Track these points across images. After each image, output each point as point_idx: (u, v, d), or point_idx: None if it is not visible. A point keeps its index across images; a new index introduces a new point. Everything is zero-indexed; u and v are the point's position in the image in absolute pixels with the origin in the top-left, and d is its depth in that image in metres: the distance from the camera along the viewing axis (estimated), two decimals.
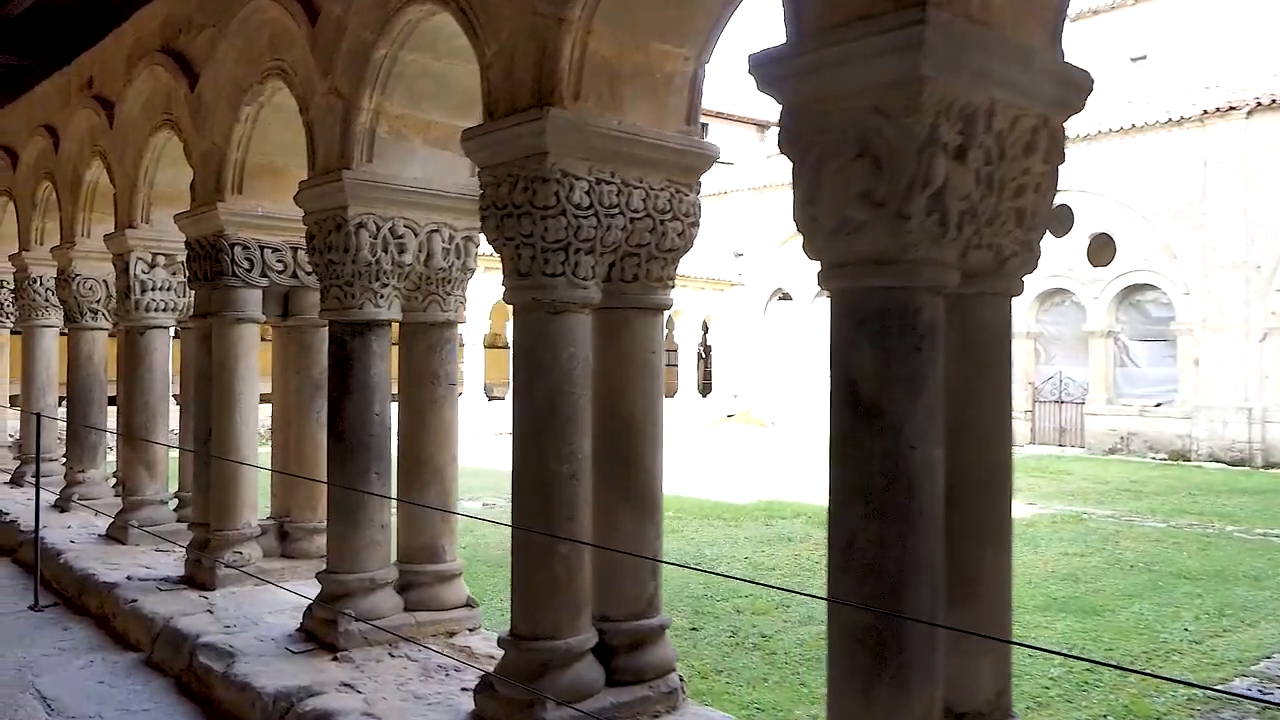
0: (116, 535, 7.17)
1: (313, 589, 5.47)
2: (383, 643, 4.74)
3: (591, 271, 3.78)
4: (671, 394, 30.87)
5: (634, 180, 3.86)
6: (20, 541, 7.42)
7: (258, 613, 5.35)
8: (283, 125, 5.87)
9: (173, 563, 6.59)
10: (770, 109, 42.72)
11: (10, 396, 11.15)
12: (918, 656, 2.57)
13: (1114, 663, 6.98)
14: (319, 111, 5.00)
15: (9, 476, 9.79)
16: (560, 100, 3.63)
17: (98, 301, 8.34)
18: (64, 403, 9.75)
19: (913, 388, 2.59)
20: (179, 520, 7.32)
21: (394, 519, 5.11)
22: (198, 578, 5.92)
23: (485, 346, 26.53)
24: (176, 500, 7.45)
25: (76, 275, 8.22)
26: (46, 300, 9.47)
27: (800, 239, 2.78)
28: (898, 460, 2.57)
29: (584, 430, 3.81)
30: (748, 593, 8.69)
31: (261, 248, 6.01)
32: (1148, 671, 6.70)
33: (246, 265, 5.95)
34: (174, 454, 7.51)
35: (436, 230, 5.04)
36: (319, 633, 4.81)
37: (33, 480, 9.14)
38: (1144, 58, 29.31)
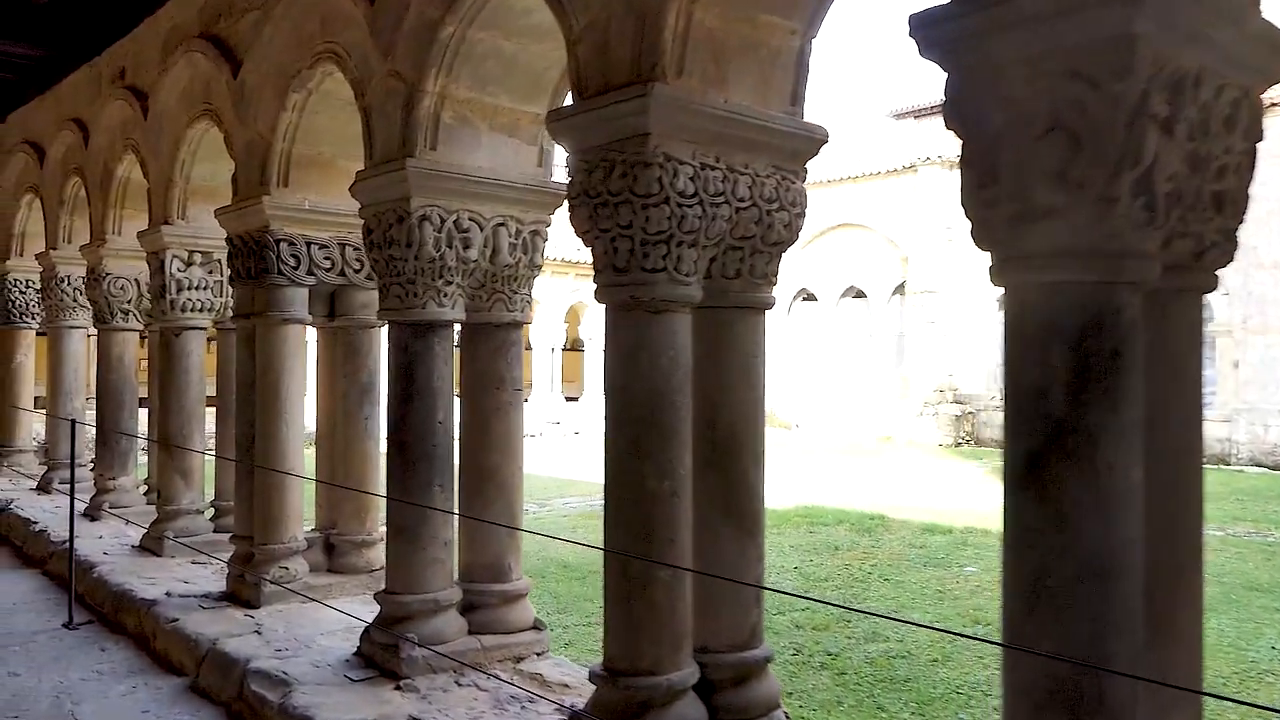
0: (151, 546, 6.84)
1: (364, 607, 5.13)
2: (447, 669, 4.38)
3: (694, 267, 3.41)
4: None
5: (739, 165, 3.49)
6: (50, 552, 7.10)
7: (309, 634, 4.99)
8: (331, 113, 5.53)
9: (212, 577, 6.25)
10: None
11: (33, 398, 10.84)
12: (1120, 714, 2.19)
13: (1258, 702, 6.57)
14: (377, 96, 4.64)
15: (35, 483, 9.46)
16: (663, 75, 3.26)
17: (128, 302, 8.01)
18: (86, 405, 9.45)
19: (1111, 399, 2.21)
20: (215, 531, 6.99)
21: (455, 534, 4.76)
22: (241, 594, 5.57)
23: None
24: (213, 510, 7.11)
25: (107, 274, 7.90)
26: (75, 300, 9.15)
27: (823, 239, 2.40)
28: (1097, 482, 2.19)
29: (685, 443, 3.44)
30: (803, 606, 8.31)
31: (308, 244, 5.66)
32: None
33: (293, 262, 5.60)
34: (208, 460, 7.18)
35: (503, 224, 4.68)
36: (379, 658, 4.45)
37: (62, 488, 8.85)
38: None
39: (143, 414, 9.27)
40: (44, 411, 10.54)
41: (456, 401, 4.68)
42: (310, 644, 4.84)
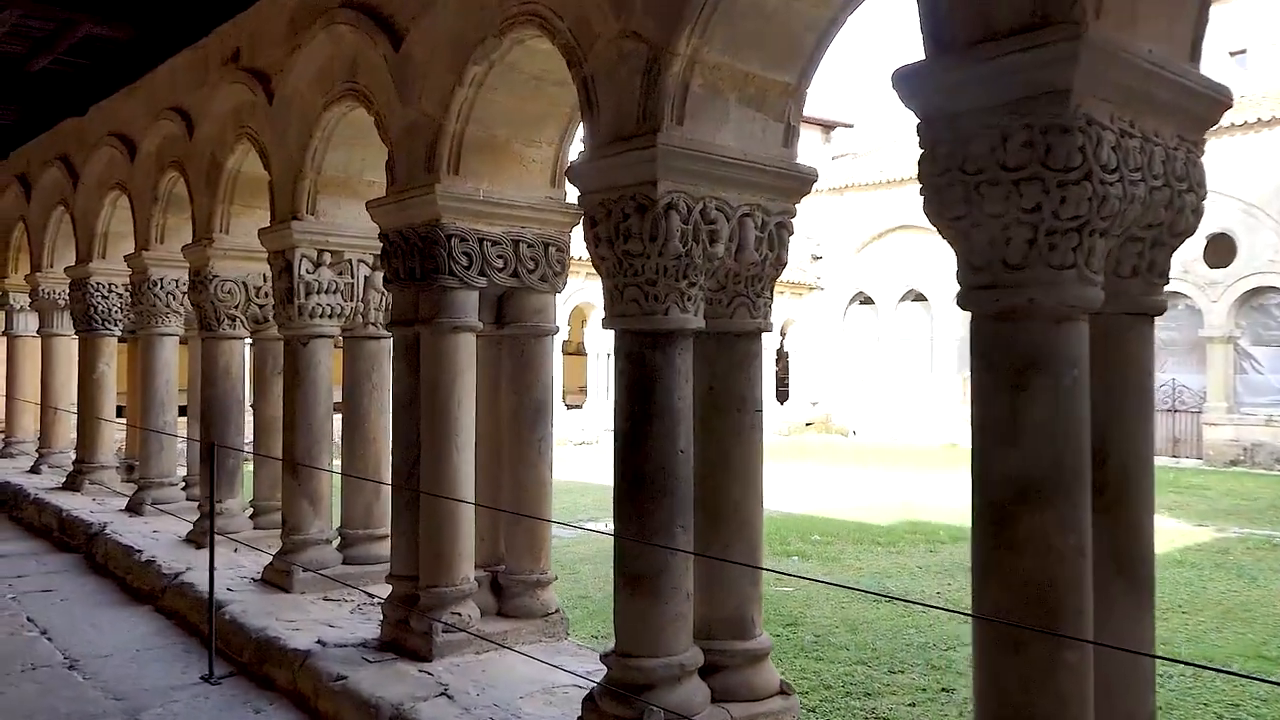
0: (276, 580, 6.13)
1: (550, 654, 4.42)
2: None
3: (1101, 263, 2.65)
4: None
5: (1151, 134, 2.72)
6: (164, 586, 6.40)
7: (506, 697, 4.26)
8: (511, 90, 4.81)
9: (356, 619, 5.54)
10: (835, 110, 41.82)
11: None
12: None
13: None
14: (604, 62, 3.90)
15: (125, 503, 8.78)
16: (1083, 16, 2.49)
17: (235, 307, 7.33)
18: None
19: None
20: (345, 562, 6.28)
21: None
22: (406, 643, 4.85)
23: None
24: (340, 538, 6.40)
25: (214, 277, 7.22)
26: (168, 305, 8.48)
27: (880, 241, 1.64)
28: None
29: (1087, 486, 2.68)
30: (968, 639, 7.52)
31: (480, 240, 4.94)
32: None
33: (464, 261, 4.88)
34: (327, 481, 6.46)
35: (749, 214, 3.93)
36: None
37: (155, 509, 8.19)
38: (1243, 51, 27.89)
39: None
40: (124, 423, 9.90)
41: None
42: (514, 710, 4.11)
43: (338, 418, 6.31)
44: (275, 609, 5.65)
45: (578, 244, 4.50)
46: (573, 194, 5.30)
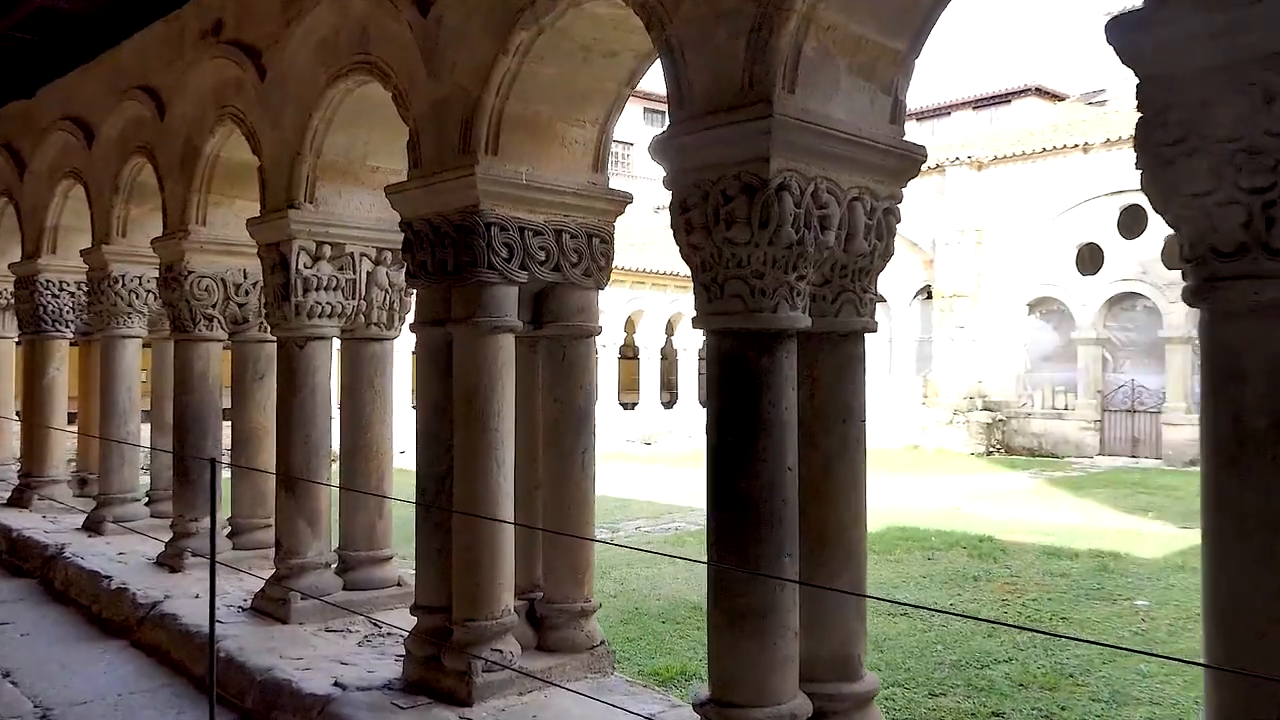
0: (270, 609, 5.50)
1: (601, 692, 3.91)
2: None
3: None
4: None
5: None
6: (140, 617, 5.72)
7: None
8: (560, 61, 4.29)
9: (368, 653, 4.96)
10: None
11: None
12: None
13: None
14: (695, 22, 3.39)
15: (82, 522, 8.00)
16: None
17: (213, 306, 6.65)
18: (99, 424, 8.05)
19: None
20: (346, 588, 5.68)
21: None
22: (440, 684, 4.27)
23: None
24: (339, 561, 5.79)
25: (189, 273, 6.53)
26: (130, 304, 7.74)
27: None
28: None
29: None
30: (1006, 655, 7.16)
31: (521, 229, 4.39)
32: None
33: (505, 253, 4.33)
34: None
35: (858, 198, 3.46)
36: None
37: (117, 528, 7.46)
38: None
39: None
40: (79, 432, 9.11)
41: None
42: None
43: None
44: (275, 643, 5.03)
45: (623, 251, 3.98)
46: (613, 180, 4.84)
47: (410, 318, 4.94)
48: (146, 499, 8.05)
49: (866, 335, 3.67)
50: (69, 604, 6.51)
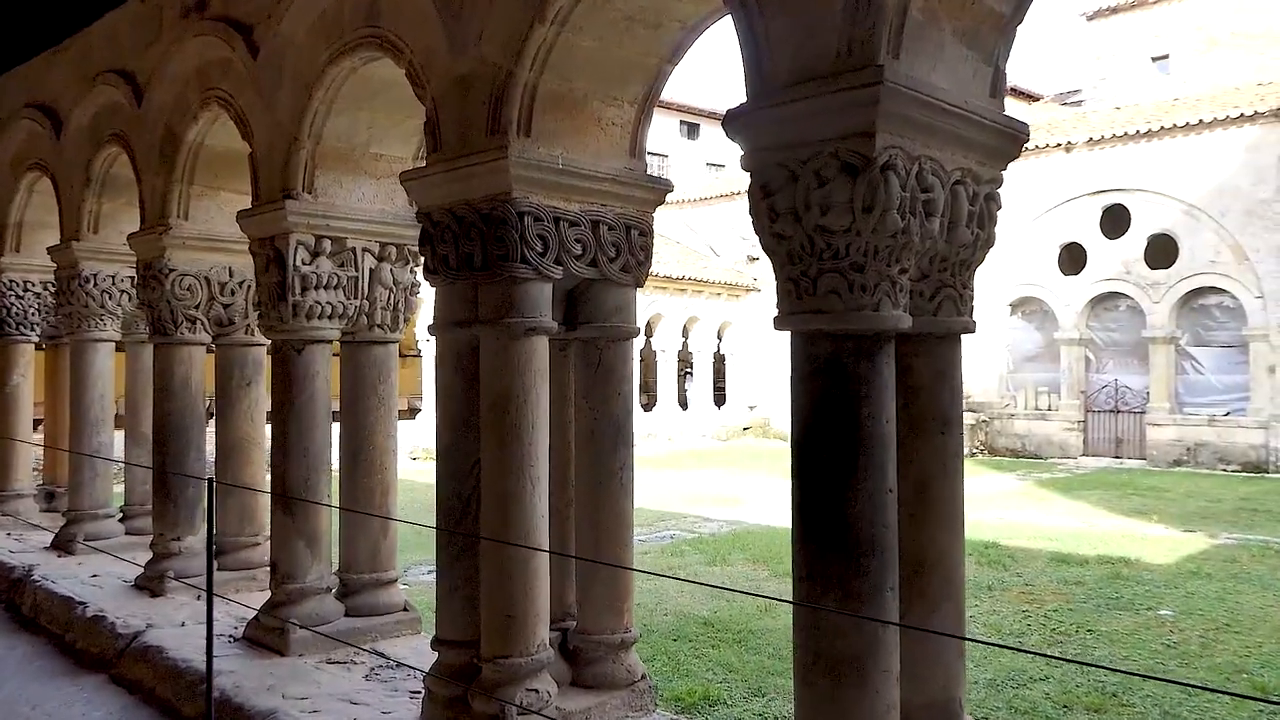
0: (267, 640, 5.00)
1: None
2: None
3: None
4: (685, 405, 28.99)
5: None
6: (120, 649, 5.20)
7: None
8: (599, 29, 3.86)
9: (376, 690, 4.49)
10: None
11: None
12: None
13: None
14: None
15: (51, 540, 7.41)
16: None
17: (196, 307, 6.13)
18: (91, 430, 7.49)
19: None
20: (348, 614, 5.20)
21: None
22: None
23: None
24: (340, 585, 5.30)
25: (170, 271, 6.01)
26: (103, 305, 7.20)
27: None
28: None
29: None
30: (1041, 673, 6.79)
31: (557, 219, 3.94)
32: None
33: (540, 246, 3.87)
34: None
35: (960, 181, 3.05)
36: None
37: (88, 546, 6.91)
38: (1165, 57, 28.32)
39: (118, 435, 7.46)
40: (45, 443, 8.51)
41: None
42: None
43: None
44: (276, 679, 4.54)
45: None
46: (650, 167, 4.40)
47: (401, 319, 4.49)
48: (120, 515, 7.49)
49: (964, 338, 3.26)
50: (39, 632, 5.95)
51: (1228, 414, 21.85)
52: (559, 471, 4.25)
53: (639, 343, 24.41)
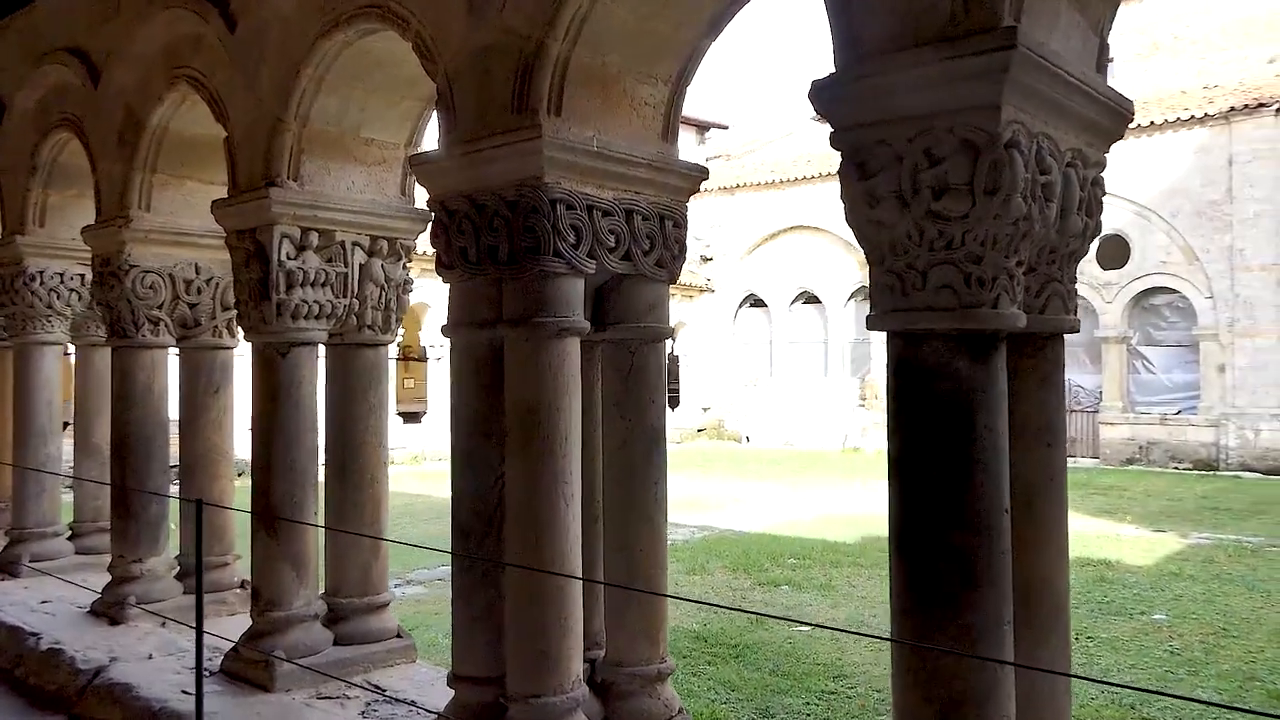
0: (249, 674, 4.52)
1: None
2: None
3: None
4: None
5: None
6: (80, 686, 4.67)
7: None
8: (635, 2, 3.45)
9: None
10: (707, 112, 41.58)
11: None
12: None
13: None
14: None
15: None
16: None
17: (159, 306, 5.61)
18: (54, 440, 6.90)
19: None
20: (337, 642, 4.74)
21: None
22: None
23: None
24: (327, 610, 4.84)
25: (131, 267, 5.49)
26: (50, 305, 6.61)
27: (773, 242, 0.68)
28: None
29: None
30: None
31: (590, 208, 3.55)
32: None
33: (573, 237, 3.48)
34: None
35: (1071, 164, 2.72)
36: None
37: (35, 566, 6.34)
38: (1110, 60, 28.74)
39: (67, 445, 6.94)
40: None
41: None
42: None
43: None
44: None
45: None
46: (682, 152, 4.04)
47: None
48: (70, 533, 6.91)
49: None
50: None
51: (1179, 413, 22.14)
52: (588, 484, 3.85)
53: None
